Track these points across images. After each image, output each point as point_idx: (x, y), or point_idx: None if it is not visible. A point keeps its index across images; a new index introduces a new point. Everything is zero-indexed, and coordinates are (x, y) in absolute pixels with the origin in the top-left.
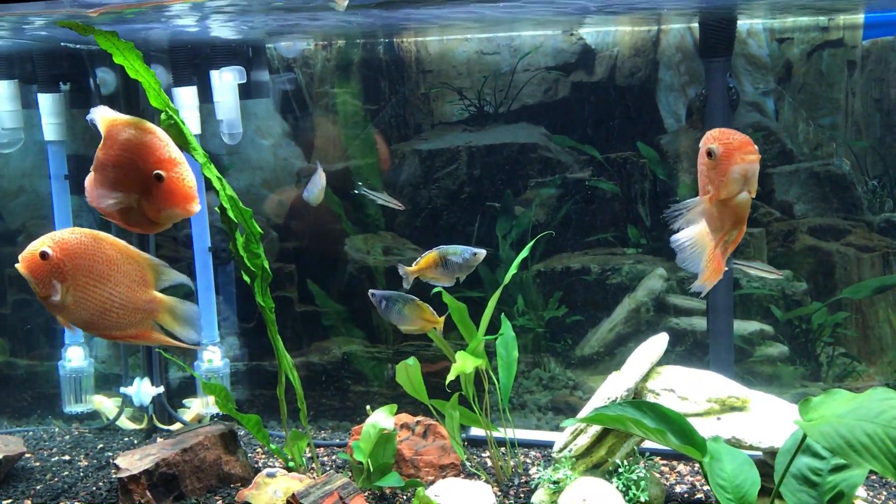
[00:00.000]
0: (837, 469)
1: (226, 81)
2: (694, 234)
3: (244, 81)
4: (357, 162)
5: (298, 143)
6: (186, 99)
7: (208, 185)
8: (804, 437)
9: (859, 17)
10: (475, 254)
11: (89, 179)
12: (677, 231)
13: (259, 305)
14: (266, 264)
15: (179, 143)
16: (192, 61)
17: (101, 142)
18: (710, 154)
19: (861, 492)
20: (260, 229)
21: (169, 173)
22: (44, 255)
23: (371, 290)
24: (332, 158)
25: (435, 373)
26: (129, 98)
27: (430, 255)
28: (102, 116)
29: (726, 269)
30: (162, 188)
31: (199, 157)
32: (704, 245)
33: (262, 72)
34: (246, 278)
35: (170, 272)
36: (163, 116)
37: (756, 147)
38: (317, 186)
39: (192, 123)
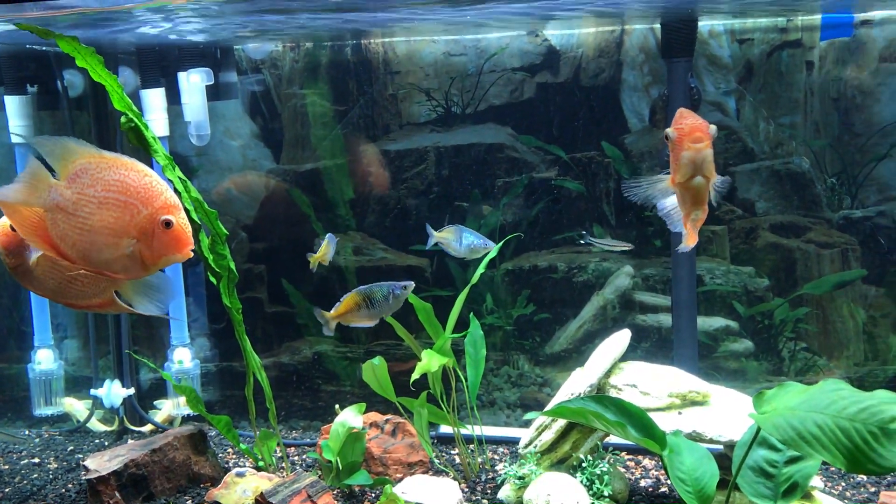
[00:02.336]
0: (793, 461)
1: (193, 83)
2: (674, 202)
3: (212, 83)
4: (327, 163)
5: (267, 144)
6: (154, 101)
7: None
8: (758, 429)
9: (816, 19)
10: (405, 287)
11: (51, 222)
12: (642, 204)
13: (226, 306)
14: (232, 265)
15: (140, 146)
16: (159, 63)
17: (73, 178)
18: (667, 138)
19: (818, 482)
20: (226, 230)
21: (178, 219)
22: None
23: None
24: (301, 159)
25: (406, 372)
26: (97, 100)
27: (350, 298)
28: (71, 149)
29: (581, 242)
30: (169, 234)
31: (160, 159)
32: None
33: (231, 73)
34: (213, 279)
35: None
36: (123, 119)
37: (708, 133)
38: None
39: (160, 125)
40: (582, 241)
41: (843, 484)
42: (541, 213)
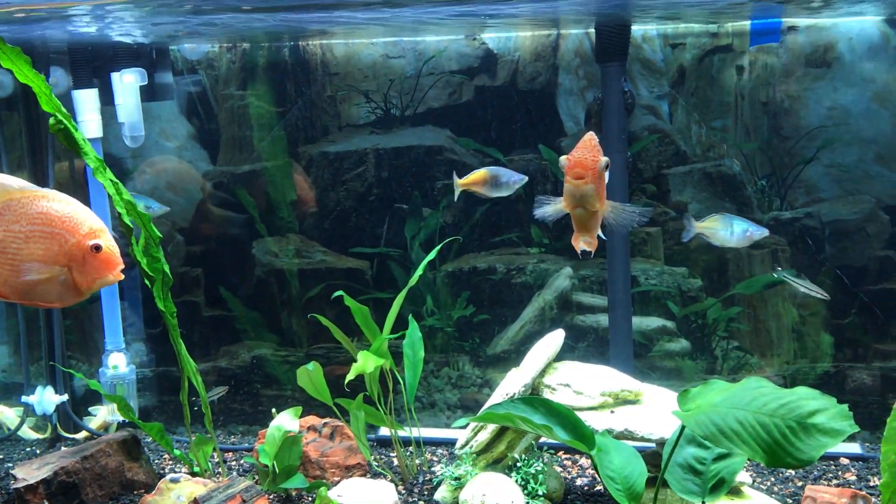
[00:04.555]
0: (720, 458)
1: (127, 83)
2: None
3: (146, 83)
4: (266, 164)
5: (204, 145)
6: (87, 101)
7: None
8: (683, 427)
9: (745, 25)
10: (522, 179)
11: None
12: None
13: (160, 310)
14: (167, 268)
15: (70, 148)
16: (92, 63)
17: None
18: (560, 165)
19: (747, 478)
20: (159, 233)
21: (106, 242)
22: None
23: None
24: (239, 160)
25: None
26: (28, 101)
27: (481, 172)
28: None
29: (775, 277)
30: (98, 258)
31: (91, 161)
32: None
33: (166, 74)
34: (147, 283)
35: None
36: (51, 121)
37: (593, 169)
38: None
39: (93, 126)
40: (776, 276)
41: (772, 479)
42: (480, 214)
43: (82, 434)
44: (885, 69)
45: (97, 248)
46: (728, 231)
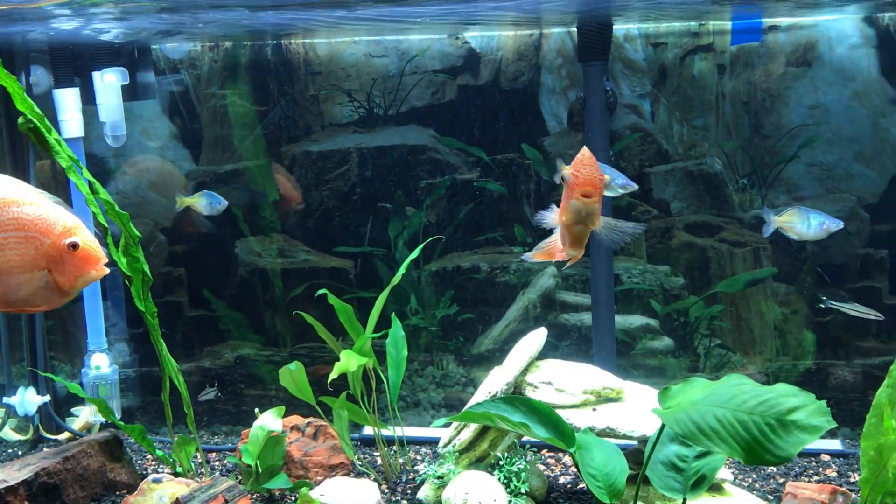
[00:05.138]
0: (702, 455)
1: (108, 83)
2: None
3: (128, 83)
4: (248, 163)
5: (186, 145)
6: (68, 101)
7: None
8: (664, 425)
9: (727, 24)
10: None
11: None
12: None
13: (140, 310)
14: (146, 268)
15: (41, 147)
16: (73, 62)
17: None
18: (563, 178)
19: (728, 475)
20: (138, 232)
21: (83, 239)
22: None
23: None
24: (221, 160)
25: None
26: (7, 100)
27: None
28: None
29: (822, 307)
30: (77, 255)
31: (63, 161)
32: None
33: (148, 73)
34: (127, 282)
35: None
36: (21, 120)
37: (600, 187)
38: None
39: (74, 126)
40: (823, 306)
41: (754, 476)
42: (464, 213)
43: (65, 435)
44: (865, 68)
45: (74, 245)
46: (805, 224)
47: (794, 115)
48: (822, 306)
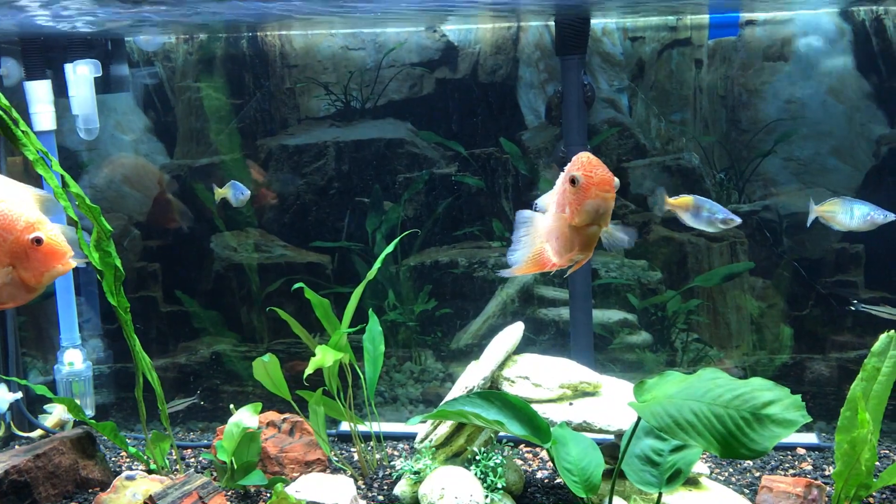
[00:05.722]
0: (677, 449)
1: (81, 75)
2: (530, 233)
3: (101, 75)
4: (224, 157)
5: (160, 138)
6: (40, 93)
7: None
8: (639, 419)
9: (704, 18)
10: (725, 221)
11: None
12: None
13: (112, 305)
14: (118, 263)
15: (8, 139)
16: (45, 54)
17: None
18: (573, 181)
19: (705, 469)
20: (110, 227)
21: (46, 233)
22: None
23: None
24: (196, 154)
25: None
26: None
27: (688, 199)
28: None
29: (852, 308)
30: (41, 250)
31: (30, 154)
32: (535, 244)
33: (122, 65)
34: (98, 277)
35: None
36: None
37: (614, 185)
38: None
39: (46, 118)
40: (853, 308)
41: (730, 469)
42: (442, 208)
43: (37, 432)
44: (841, 63)
45: (38, 240)
46: (848, 215)
47: (770, 110)
48: (853, 309)
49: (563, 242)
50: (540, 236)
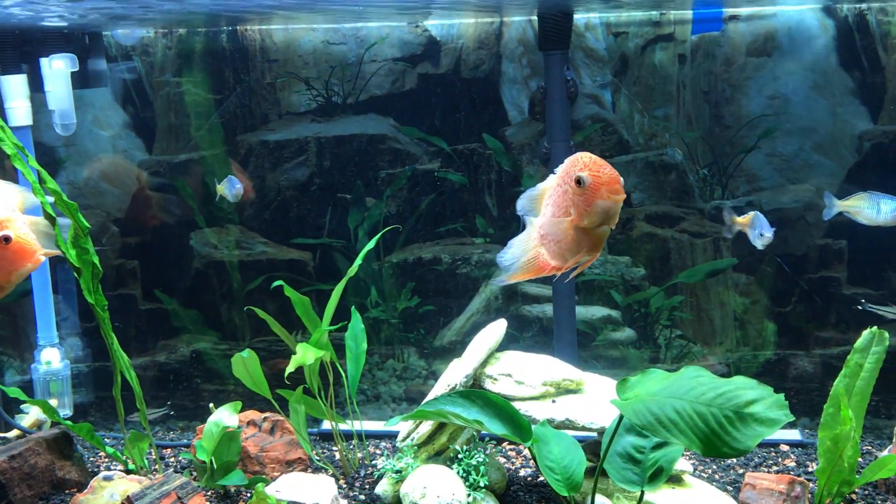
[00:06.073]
0: (659, 446)
1: (57, 69)
2: (523, 238)
3: (78, 69)
4: (204, 152)
5: (139, 134)
6: (15, 88)
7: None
8: (622, 416)
9: (688, 13)
10: (762, 235)
11: None
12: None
13: (89, 303)
14: (96, 260)
15: None
16: (20, 48)
17: None
18: (579, 182)
19: (688, 466)
20: (87, 223)
21: (15, 232)
22: None
23: None
24: (175, 149)
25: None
26: None
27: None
28: None
29: (859, 308)
30: (10, 248)
31: (7, 147)
32: (528, 249)
33: (99, 60)
34: (76, 275)
35: None
36: None
37: (622, 183)
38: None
39: (22, 113)
40: (861, 308)
41: (714, 466)
42: (425, 204)
43: (14, 433)
44: (824, 58)
45: (6, 239)
46: (875, 209)
47: (754, 106)
48: (861, 308)
49: (569, 245)
50: (534, 240)
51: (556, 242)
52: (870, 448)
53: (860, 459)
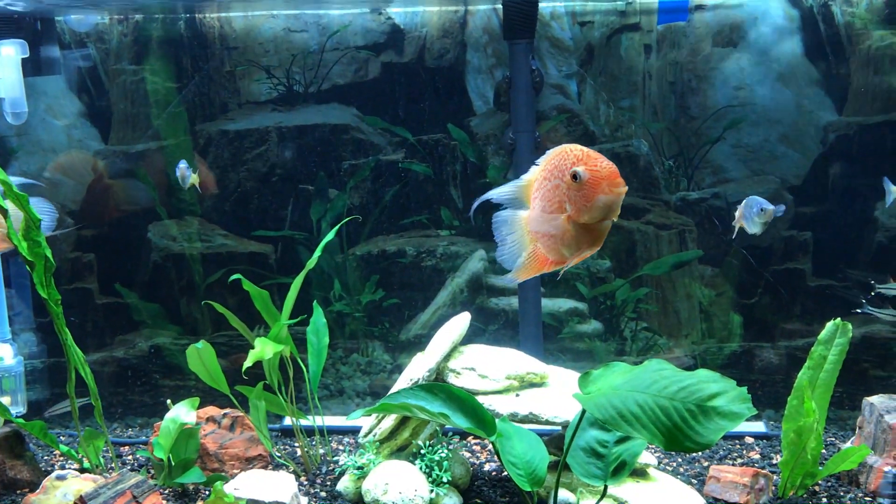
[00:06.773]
0: (622, 440)
1: (6, 56)
2: (516, 234)
3: (29, 56)
4: (165, 142)
5: (94, 123)
6: None
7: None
8: (584, 410)
9: (654, 3)
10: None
11: None
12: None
13: (42, 298)
14: (49, 253)
15: None
16: None
17: None
18: (575, 177)
19: (652, 459)
20: (39, 216)
21: None
22: None
23: None
24: (132, 139)
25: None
26: None
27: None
28: None
29: (859, 311)
30: None
31: None
32: (525, 245)
33: (52, 47)
34: (28, 268)
35: None
36: None
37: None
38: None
39: None
40: (860, 312)
41: (679, 459)
42: (389, 195)
43: None
44: (790, 49)
45: None
46: None
47: (719, 96)
48: (860, 311)
49: (568, 241)
50: (526, 235)
51: (553, 238)
52: (833, 440)
53: (824, 451)
